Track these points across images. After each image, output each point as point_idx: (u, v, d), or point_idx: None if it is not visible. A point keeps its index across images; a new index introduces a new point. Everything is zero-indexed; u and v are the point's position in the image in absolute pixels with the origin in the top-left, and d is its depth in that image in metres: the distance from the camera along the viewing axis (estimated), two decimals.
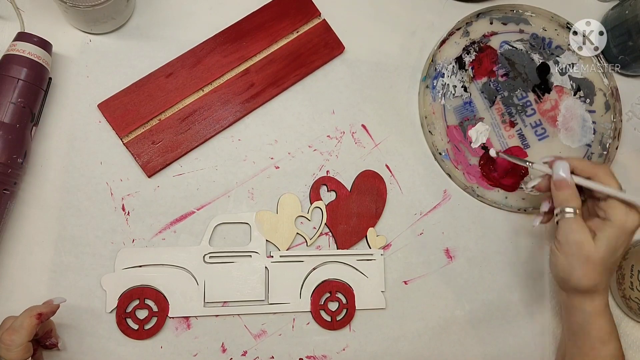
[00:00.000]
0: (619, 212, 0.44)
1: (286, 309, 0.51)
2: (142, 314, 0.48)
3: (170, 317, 0.49)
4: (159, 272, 0.49)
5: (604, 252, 0.43)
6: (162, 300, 0.48)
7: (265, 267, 0.51)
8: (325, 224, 0.52)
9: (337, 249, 0.53)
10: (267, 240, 0.51)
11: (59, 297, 0.44)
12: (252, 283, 0.50)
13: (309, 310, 0.51)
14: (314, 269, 0.52)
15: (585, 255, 0.44)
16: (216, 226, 0.51)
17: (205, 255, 0.50)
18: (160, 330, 0.48)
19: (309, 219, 0.53)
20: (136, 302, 0.48)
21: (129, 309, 0.48)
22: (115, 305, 0.48)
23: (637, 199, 0.44)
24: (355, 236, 0.53)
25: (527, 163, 0.49)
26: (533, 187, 0.49)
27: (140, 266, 0.49)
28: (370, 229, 0.53)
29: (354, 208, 0.53)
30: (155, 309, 0.48)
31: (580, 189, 0.47)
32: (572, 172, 0.46)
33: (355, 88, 0.56)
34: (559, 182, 0.46)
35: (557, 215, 0.46)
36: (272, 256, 0.51)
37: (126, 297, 0.48)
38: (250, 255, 0.51)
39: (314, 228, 0.52)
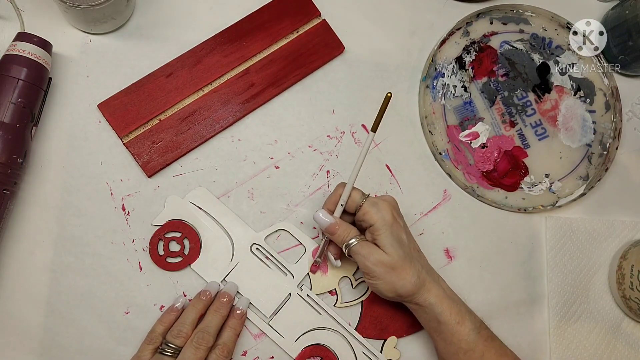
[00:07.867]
0: (369, 211, 0.45)
1: (277, 340, 0.49)
2: (174, 246, 0.49)
3: (191, 268, 0.49)
4: (212, 226, 0.50)
5: (396, 251, 0.45)
6: (196, 249, 0.49)
7: (290, 293, 0.50)
8: (362, 300, 0.52)
9: (355, 329, 0.51)
10: (308, 272, 0.51)
11: (233, 283, 0.49)
12: (269, 297, 0.50)
13: (294, 358, 0.50)
14: (323, 327, 0.50)
15: (388, 266, 0.45)
16: (278, 230, 0.51)
17: (253, 244, 0.50)
18: (177, 271, 0.49)
19: (353, 286, 0.52)
20: (177, 235, 0.49)
21: (168, 235, 0.49)
22: (162, 224, 0.49)
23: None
24: (377, 333, 0.51)
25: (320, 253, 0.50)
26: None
27: (203, 210, 0.50)
28: (392, 338, 0.51)
29: None
30: (186, 251, 0.49)
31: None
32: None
33: (355, 88, 0.56)
34: (329, 228, 0.47)
35: (346, 253, 0.47)
36: (302, 289, 0.51)
37: (173, 224, 0.49)
38: (286, 274, 0.51)
39: (351, 297, 0.52)
